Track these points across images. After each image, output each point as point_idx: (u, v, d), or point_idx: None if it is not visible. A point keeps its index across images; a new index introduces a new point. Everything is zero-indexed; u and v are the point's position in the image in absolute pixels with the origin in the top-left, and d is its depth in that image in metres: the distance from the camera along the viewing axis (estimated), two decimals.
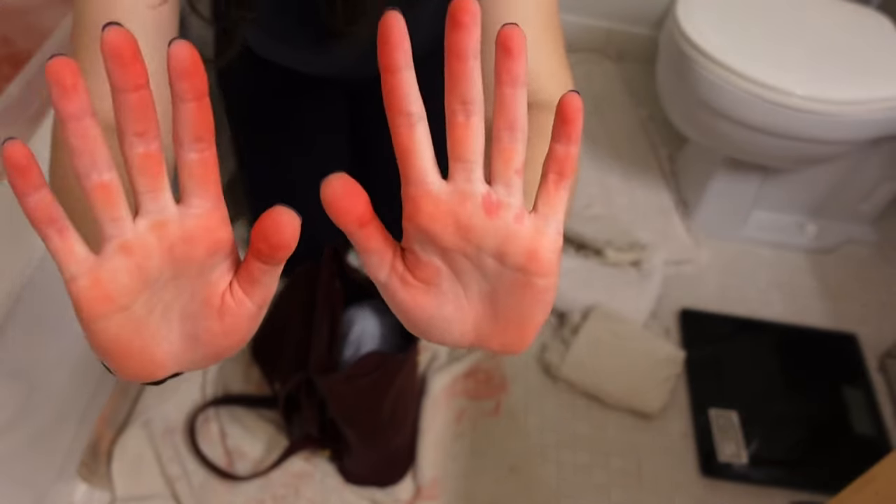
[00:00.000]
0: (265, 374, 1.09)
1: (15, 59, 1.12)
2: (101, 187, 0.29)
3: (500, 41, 0.31)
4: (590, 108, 1.67)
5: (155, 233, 0.31)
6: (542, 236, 0.33)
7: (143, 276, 0.31)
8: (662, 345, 1.19)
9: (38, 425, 0.85)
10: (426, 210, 0.34)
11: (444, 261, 0.34)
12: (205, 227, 0.32)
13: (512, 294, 0.34)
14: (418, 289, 0.35)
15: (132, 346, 0.33)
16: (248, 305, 0.34)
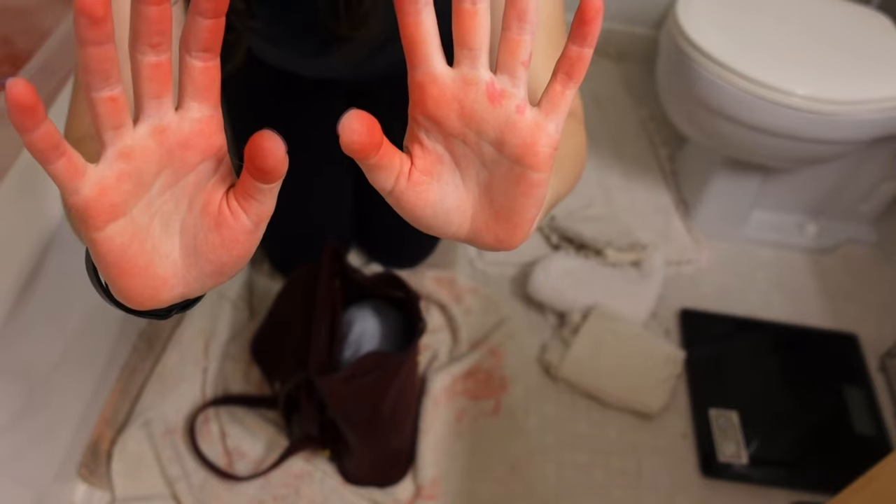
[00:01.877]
0: (265, 374, 1.09)
1: (15, 59, 1.12)
2: (109, 100, 0.30)
3: None
4: (590, 108, 1.67)
5: (155, 138, 0.32)
6: (540, 130, 0.34)
7: (142, 180, 0.33)
8: (662, 345, 1.19)
9: (38, 425, 0.85)
10: (432, 94, 0.34)
11: (446, 148, 0.36)
12: (201, 131, 0.33)
13: (507, 185, 0.36)
14: (422, 184, 0.36)
15: (137, 262, 0.34)
16: (244, 220, 0.35)
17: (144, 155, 0.32)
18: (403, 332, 1.00)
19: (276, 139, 0.32)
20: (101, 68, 0.29)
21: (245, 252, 0.36)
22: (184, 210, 0.35)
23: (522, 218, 0.37)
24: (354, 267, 1.02)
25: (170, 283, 0.36)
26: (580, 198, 1.45)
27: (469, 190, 0.37)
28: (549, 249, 1.35)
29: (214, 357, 1.11)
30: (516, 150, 0.34)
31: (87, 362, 0.95)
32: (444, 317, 1.21)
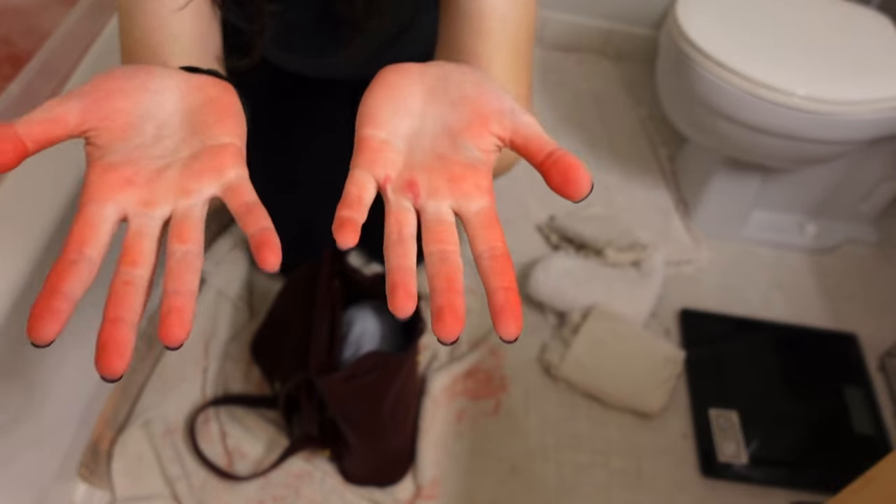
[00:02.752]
0: (265, 374, 1.09)
1: (15, 59, 1.12)
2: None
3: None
4: (590, 108, 1.67)
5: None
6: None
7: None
8: (662, 345, 1.19)
9: (38, 425, 0.85)
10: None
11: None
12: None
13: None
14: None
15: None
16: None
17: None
18: (403, 332, 1.00)
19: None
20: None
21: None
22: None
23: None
24: (354, 267, 1.02)
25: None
26: None
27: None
28: (549, 249, 1.35)
29: (214, 357, 1.11)
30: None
31: (87, 362, 0.95)
32: None
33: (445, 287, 0.34)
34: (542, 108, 1.65)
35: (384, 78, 0.42)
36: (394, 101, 0.40)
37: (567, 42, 1.79)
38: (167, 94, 0.39)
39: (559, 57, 1.78)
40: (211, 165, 0.36)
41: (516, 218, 1.39)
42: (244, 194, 0.36)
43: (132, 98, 0.38)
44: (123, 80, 0.38)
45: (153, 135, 0.38)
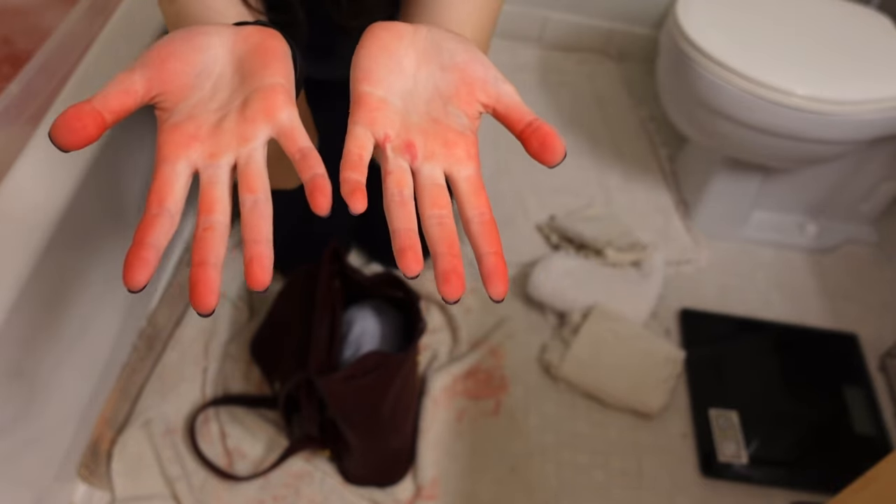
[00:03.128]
0: (265, 374, 1.09)
1: (15, 59, 1.12)
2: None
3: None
4: (590, 108, 1.67)
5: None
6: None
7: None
8: (662, 345, 1.19)
9: (38, 425, 0.85)
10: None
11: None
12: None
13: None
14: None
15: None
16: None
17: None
18: (403, 332, 1.00)
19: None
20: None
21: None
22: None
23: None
24: (354, 267, 1.02)
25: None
26: (580, 198, 1.45)
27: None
28: (549, 249, 1.35)
29: (214, 357, 1.11)
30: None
31: (87, 362, 0.95)
32: (444, 317, 1.21)
33: (447, 251, 0.37)
34: (543, 108, 1.65)
35: (377, 35, 0.43)
36: (388, 59, 0.42)
37: (567, 42, 1.79)
38: (218, 50, 0.41)
39: (560, 57, 1.78)
40: (262, 109, 0.39)
41: (516, 218, 1.39)
42: (297, 139, 0.38)
43: (187, 59, 0.40)
44: (177, 43, 0.40)
45: (210, 89, 0.40)
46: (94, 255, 0.90)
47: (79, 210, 0.82)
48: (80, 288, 0.88)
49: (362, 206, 0.36)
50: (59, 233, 0.78)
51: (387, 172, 0.39)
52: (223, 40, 0.42)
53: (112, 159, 0.89)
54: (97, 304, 0.94)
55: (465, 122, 0.41)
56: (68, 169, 0.81)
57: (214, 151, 0.38)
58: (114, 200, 0.94)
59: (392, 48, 0.42)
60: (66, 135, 0.35)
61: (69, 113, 0.35)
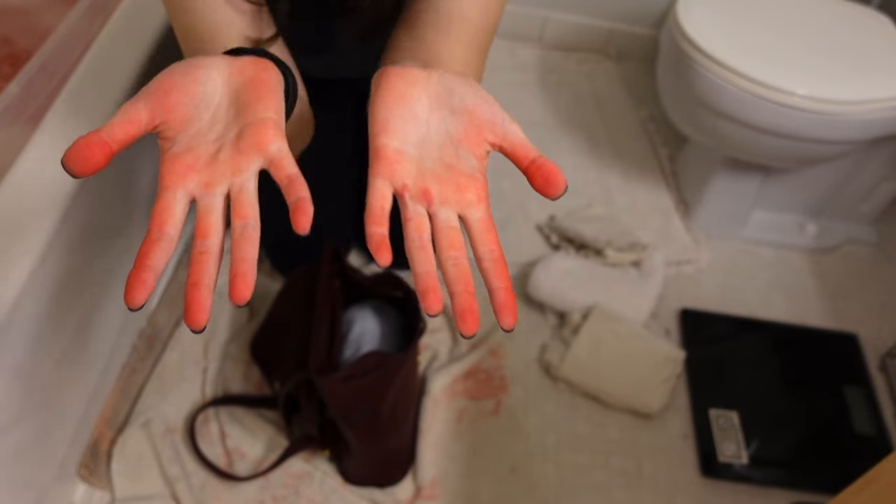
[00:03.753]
0: (265, 375, 1.08)
1: (14, 58, 1.12)
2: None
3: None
4: (590, 108, 1.66)
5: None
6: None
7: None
8: (663, 345, 1.19)
9: (38, 425, 0.85)
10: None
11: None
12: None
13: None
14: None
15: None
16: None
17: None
18: (403, 332, 1.00)
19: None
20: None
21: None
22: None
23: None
24: (354, 267, 1.02)
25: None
26: (580, 198, 1.45)
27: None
28: (549, 249, 1.35)
29: (214, 357, 1.11)
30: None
31: (87, 362, 0.95)
32: (444, 317, 1.21)
33: (463, 290, 0.41)
34: (543, 108, 1.65)
35: (391, 84, 0.46)
36: (403, 108, 0.46)
37: (567, 42, 1.79)
38: (215, 82, 0.44)
39: (560, 57, 1.78)
40: (254, 143, 0.42)
41: (516, 218, 1.39)
42: (286, 167, 0.42)
43: (187, 91, 0.43)
44: (178, 76, 0.44)
45: (208, 121, 0.44)
46: (95, 255, 0.90)
47: (79, 210, 0.81)
48: (81, 288, 0.88)
49: (388, 259, 0.41)
50: (60, 232, 0.78)
51: (407, 219, 0.44)
52: (221, 73, 0.45)
53: (113, 161, 0.89)
54: (97, 304, 0.94)
55: (474, 165, 0.45)
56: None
57: (210, 181, 0.42)
58: (114, 200, 0.94)
59: (406, 96, 0.46)
60: (78, 163, 0.39)
61: (80, 143, 0.39)
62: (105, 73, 0.90)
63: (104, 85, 0.89)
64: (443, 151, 0.46)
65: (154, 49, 0.98)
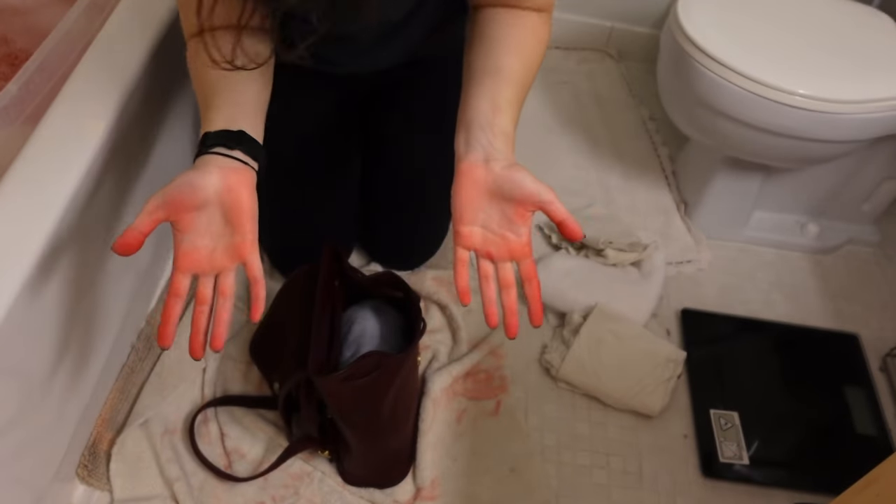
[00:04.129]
0: (264, 375, 1.08)
1: (13, 58, 1.12)
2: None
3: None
4: (591, 108, 1.66)
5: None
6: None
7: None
8: (663, 345, 1.18)
9: (37, 425, 0.85)
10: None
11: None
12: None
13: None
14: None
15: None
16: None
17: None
18: (403, 332, 1.00)
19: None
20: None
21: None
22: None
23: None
24: (354, 267, 1.02)
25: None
26: (580, 198, 1.44)
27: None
28: (549, 249, 1.35)
29: (213, 357, 1.10)
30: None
31: (86, 362, 0.95)
32: (444, 317, 1.21)
33: (510, 312, 0.72)
34: (543, 108, 1.64)
35: (462, 184, 0.71)
36: (472, 203, 0.70)
37: (568, 41, 1.79)
38: (210, 193, 0.66)
39: (560, 56, 1.78)
40: (237, 254, 0.68)
41: None
42: (254, 269, 0.69)
43: (193, 199, 0.65)
44: (185, 187, 0.65)
45: (206, 224, 0.67)
46: (94, 255, 0.90)
47: (79, 210, 0.81)
48: (80, 288, 0.87)
49: (468, 300, 0.72)
50: (59, 233, 0.78)
51: (479, 268, 0.72)
52: (216, 191, 0.66)
53: (112, 161, 0.89)
54: (97, 304, 0.94)
55: (523, 231, 0.70)
56: (68, 170, 0.81)
57: (208, 270, 0.68)
58: (115, 200, 0.94)
59: (473, 194, 0.70)
60: (123, 249, 0.63)
61: (125, 237, 0.63)
62: (104, 72, 0.90)
63: (103, 84, 0.89)
64: (500, 227, 0.71)
65: (153, 48, 0.97)
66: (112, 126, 0.88)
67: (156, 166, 1.05)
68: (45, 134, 0.83)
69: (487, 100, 0.73)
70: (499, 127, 0.72)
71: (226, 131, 0.69)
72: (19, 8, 1.14)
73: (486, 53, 0.76)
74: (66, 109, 0.86)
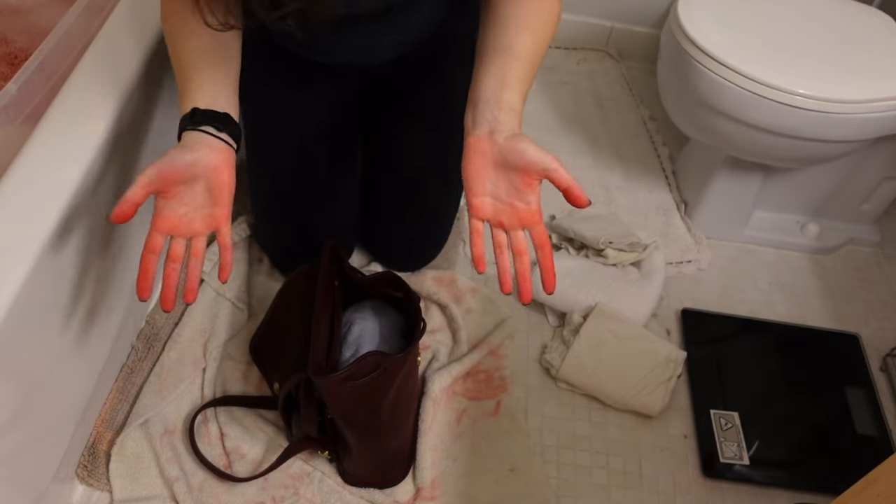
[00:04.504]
0: (264, 375, 1.08)
1: (12, 57, 1.12)
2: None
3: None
4: (591, 107, 1.66)
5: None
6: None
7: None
8: (663, 345, 1.18)
9: (37, 426, 0.85)
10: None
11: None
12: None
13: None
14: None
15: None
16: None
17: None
18: (403, 332, 1.00)
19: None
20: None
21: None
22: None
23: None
24: (354, 267, 1.02)
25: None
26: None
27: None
28: None
29: (213, 357, 1.10)
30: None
31: (86, 363, 0.95)
32: (444, 317, 1.21)
33: (523, 279, 0.75)
34: (544, 107, 1.64)
35: (470, 158, 0.73)
36: (480, 174, 0.73)
37: (568, 41, 1.79)
38: (199, 173, 0.72)
39: (560, 55, 1.77)
40: (213, 223, 0.75)
41: None
42: (225, 237, 0.75)
43: (181, 175, 0.71)
44: (177, 161, 0.70)
45: (189, 196, 0.73)
46: (94, 255, 0.90)
47: (78, 210, 0.81)
48: (80, 288, 0.87)
49: (483, 269, 0.75)
50: (59, 233, 0.78)
51: (493, 238, 0.75)
52: (204, 167, 0.72)
53: (112, 161, 0.89)
54: (96, 304, 0.94)
55: (532, 199, 0.72)
56: (68, 169, 0.81)
57: (184, 233, 0.74)
58: (113, 201, 0.94)
59: (480, 166, 0.73)
60: (119, 219, 0.68)
61: (120, 207, 0.68)
62: (103, 72, 0.90)
63: (103, 84, 0.89)
64: (509, 196, 0.73)
65: (153, 48, 0.97)
66: (112, 126, 0.87)
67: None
68: (44, 134, 0.83)
69: (496, 77, 0.75)
70: (506, 102, 0.74)
71: (213, 112, 0.74)
72: (19, 7, 1.14)
73: (498, 31, 0.78)
74: (65, 109, 0.86)
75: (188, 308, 1.15)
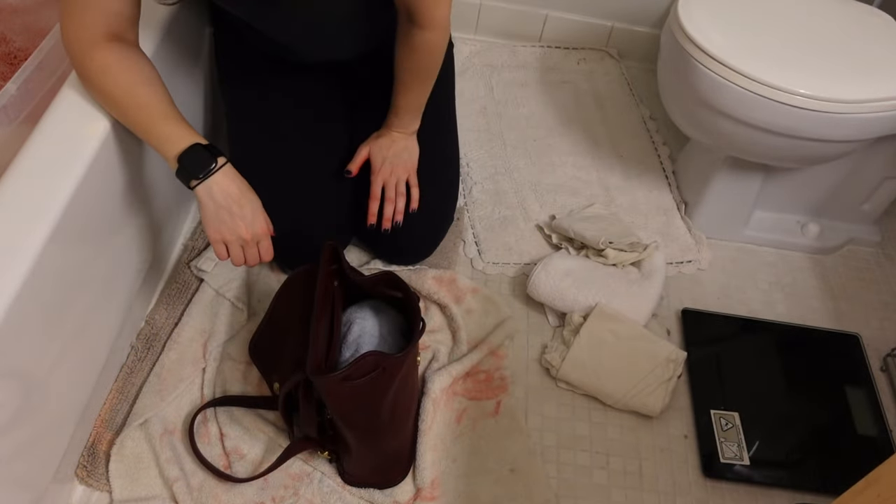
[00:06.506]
0: (264, 375, 1.08)
1: (12, 57, 1.12)
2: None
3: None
4: (591, 107, 1.66)
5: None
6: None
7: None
8: (664, 345, 1.18)
9: (36, 426, 0.85)
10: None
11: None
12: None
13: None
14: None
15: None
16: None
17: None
18: (403, 332, 1.00)
19: None
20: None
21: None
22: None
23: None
24: (354, 267, 1.01)
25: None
26: (580, 198, 1.44)
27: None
28: (549, 249, 1.35)
29: (213, 357, 1.10)
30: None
31: (86, 363, 0.95)
32: (444, 317, 1.21)
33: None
34: (544, 107, 1.64)
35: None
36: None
37: (568, 40, 1.79)
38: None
39: (560, 55, 1.77)
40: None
41: (516, 218, 1.39)
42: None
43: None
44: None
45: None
46: (93, 255, 0.90)
47: (78, 210, 0.81)
48: (79, 288, 0.87)
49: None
50: (59, 232, 0.77)
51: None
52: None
53: (111, 161, 0.89)
54: (96, 304, 0.94)
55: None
56: (68, 168, 0.81)
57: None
58: (113, 201, 0.94)
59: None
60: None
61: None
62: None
63: None
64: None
65: (152, 48, 0.97)
66: (111, 126, 0.87)
67: (154, 166, 1.05)
68: (44, 133, 0.83)
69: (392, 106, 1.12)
70: (393, 125, 1.13)
71: (210, 144, 0.91)
72: (18, 7, 1.14)
73: (395, 66, 1.07)
74: (65, 109, 0.86)
75: (188, 308, 1.15)
